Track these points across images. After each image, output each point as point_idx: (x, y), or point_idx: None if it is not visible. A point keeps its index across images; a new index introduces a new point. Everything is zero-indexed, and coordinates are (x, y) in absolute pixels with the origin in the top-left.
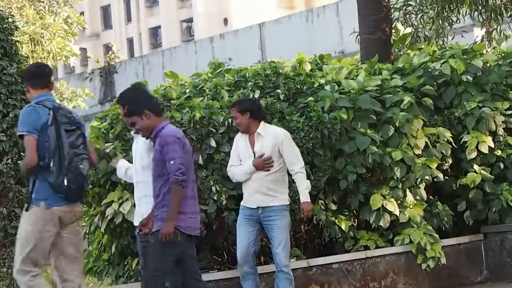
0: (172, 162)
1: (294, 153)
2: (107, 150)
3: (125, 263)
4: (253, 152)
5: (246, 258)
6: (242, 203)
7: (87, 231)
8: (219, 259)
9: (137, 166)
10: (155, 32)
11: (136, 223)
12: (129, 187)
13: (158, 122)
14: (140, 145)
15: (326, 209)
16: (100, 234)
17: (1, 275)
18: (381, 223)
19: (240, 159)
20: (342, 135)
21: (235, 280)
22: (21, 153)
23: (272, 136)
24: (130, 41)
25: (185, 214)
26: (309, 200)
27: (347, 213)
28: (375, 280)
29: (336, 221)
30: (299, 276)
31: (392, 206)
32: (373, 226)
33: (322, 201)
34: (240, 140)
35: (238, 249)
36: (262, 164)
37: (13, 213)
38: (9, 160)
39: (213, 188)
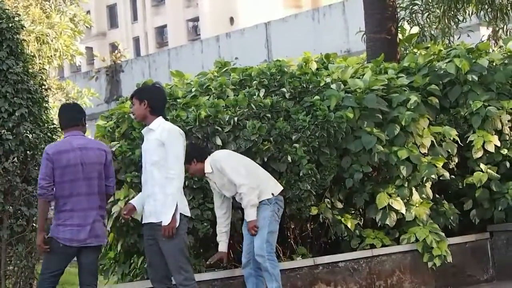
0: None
1: (234, 173)
2: (113, 149)
3: (131, 261)
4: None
5: (248, 259)
6: None
7: None
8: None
9: (145, 164)
10: (161, 31)
11: (143, 222)
12: (135, 186)
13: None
14: (150, 142)
15: (332, 207)
16: (106, 232)
17: (8, 273)
18: (387, 222)
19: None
20: (348, 134)
21: (241, 279)
22: (27, 152)
23: (215, 168)
24: (136, 40)
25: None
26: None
27: (353, 211)
28: (381, 278)
29: (342, 219)
30: (306, 274)
31: (398, 204)
32: (379, 224)
33: (328, 200)
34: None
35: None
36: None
37: (19, 212)
38: (15, 158)
39: None
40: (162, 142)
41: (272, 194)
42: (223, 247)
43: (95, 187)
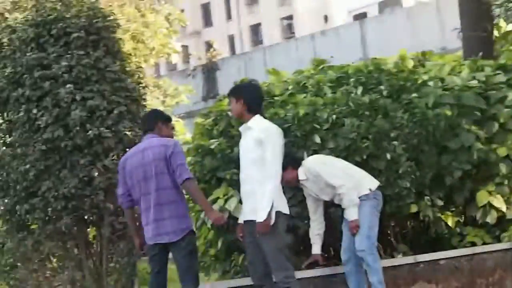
0: None
1: (332, 175)
2: (212, 147)
3: (232, 258)
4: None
5: (348, 256)
6: None
7: (194, 227)
8: (326, 255)
9: (243, 162)
10: (255, 29)
11: (240, 220)
12: (235, 184)
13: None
14: (248, 140)
15: (432, 205)
16: (206, 230)
17: (109, 270)
18: (488, 220)
19: None
20: (446, 132)
21: (343, 276)
22: (126, 149)
23: (310, 174)
24: (231, 38)
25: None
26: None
27: (453, 209)
28: (483, 276)
29: (443, 217)
30: (406, 272)
31: (498, 202)
32: (480, 222)
33: (427, 197)
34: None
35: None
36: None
37: (119, 209)
38: (115, 156)
39: None
40: (260, 140)
41: (370, 189)
42: (316, 249)
43: (156, 185)
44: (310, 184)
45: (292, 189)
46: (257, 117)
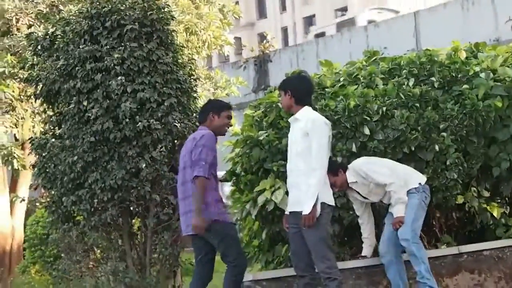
0: None
1: (380, 175)
2: (260, 138)
3: (275, 249)
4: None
5: (387, 247)
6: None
7: (239, 218)
8: None
9: (290, 153)
10: (309, 20)
11: (286, 212)
12: (281, 175)
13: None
14: (296, 131)
15: (478, 196)
16: (251, 221)
17: (152, 260)
18: None
19: None
20: (496, 123)
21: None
22: (175, 141)
23: (359, 177)
24: (285, 30)
25: None
26: (400, 214)
27: (499, 200)
28: None
29: (488, 208)
30: (450, 262)
31: None
32: None
33: (474, 188)
34: (349, 192)
35: None
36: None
37: (165, 200)
38: (163, 148)
39: None
40: (307, 132)
41: (419, 183)
42: (367, 252)
43: (183, 178)
44: (359, 186)
45: None
46: (305, 109)
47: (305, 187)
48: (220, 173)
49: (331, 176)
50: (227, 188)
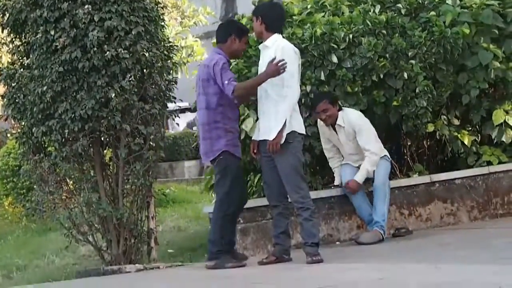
0: None
1: (367, 139)
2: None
3: (248, 179)
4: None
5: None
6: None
7: None
8: None
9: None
10: None
11: (254, 138)
12: (251, 104)
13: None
14: (265, 59)
15: (449, 124)
16: None
17: (125, 191)
18: (503, 139)
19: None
20: (464, 50)
21: None
22: (144, 70)
23: (350, 127)
24: None
25: None
26: (359, 181)
27: (469, 128)
28: (498, 195)
29: (459, 136)
30: (422, 191)
31: None
32: (496, 141)
33: (444, 117)
34: (325, 130)
35: None
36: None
37: (136, 130)
38: (132, 77)
39: None
40: (275, 59)
41: (386, 155)
42: (338, 181)
43: (198, 104)
44: (342, 132)
45: (309, 108)
46: (275, 36)
47: (274, 114)
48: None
49: (328, 103)
50: None
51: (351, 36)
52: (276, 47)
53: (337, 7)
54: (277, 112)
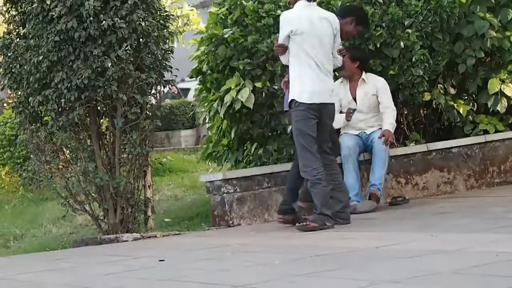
0: None
1: (390, 99)
2: (226, 36)
3: (244, 148)
4: (353, 99)
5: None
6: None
7: (207, 117)
8: None
9: None
10: None
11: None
12: (247, 73)
13: None
14: None
15: (445, 93)
16: (219, 120)
17: (122, 160)
18: (498, 108)
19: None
20: (460, 19)
21: None
22: (140, 40)
23: (373, 85)
24: None
25: None
26: (390, 130)
27: (466, 97)
28: (495, 164)
29: (455, 105)
30: (419, 160)
31: (509, 90)
32: (492, 110)
33: (441, 86)
34: (339, 88)
35: None
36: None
37: (132, 99)
38: (128, 46)
39: None
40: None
41: None
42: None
43: None
44: (362, 88)
45: None
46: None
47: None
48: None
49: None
50: None
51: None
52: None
53: None
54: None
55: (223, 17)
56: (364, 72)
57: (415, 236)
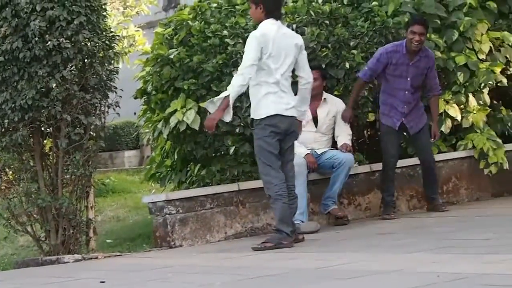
0: None
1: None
2: (171, 56)
3: (188, 169)
4: (312, 119)
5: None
6: None
7: (151, 138)
8: None
9: None
10: None
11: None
12: (192, 94)
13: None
14: None
15: None
16: (163, 140)
17: (64, 182)
18: (442, 128)
19: None
20: None
21: None
22: (85, 60)
23: (334, 106)
24: None
25: None
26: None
27: None
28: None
29: None
30: (362, 181)
31: (454, 111)
32: None
33: None
34: None
35: None
36: (312, 163)
37: (77, 120)
38: (73, 67)
39: None
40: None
41: None
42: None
43: None
44: (324, 108)
45: None
46: (263, 23)
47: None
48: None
49: (320, 74)
50: None
51: (294, 26)
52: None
53: None
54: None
55: (169, 37)
56: (323, 92)
57: (357, 257)
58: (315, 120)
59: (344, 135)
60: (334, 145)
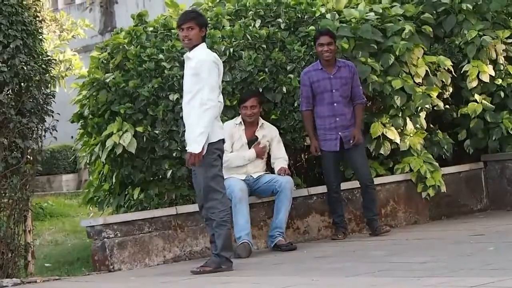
0: None
1: (283, 149)
2: (107, 80)
3: (126, 192)
4: (248, 141)
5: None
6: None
7: (88, 161)
8: None
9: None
10: None
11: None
12: (129, 118)
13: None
14: (187, 70)
15: None
16: (100, 164)
17: (2, 205)
18: (381, 151)
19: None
20: None
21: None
22: (22, 84)
23: (269, 132)
24: None
25: None
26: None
27: None
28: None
29: None
30: (300, 204)
31: (392, 134)
32: (373, 154)
33: None
34: (234, 129)
35: None
36: (262, 152)
37: (13, 144)
38: (10, 91)
39: None
40: (197, 72)
41: None
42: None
43: None
44: (260, 133)
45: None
46: (200, 46)
47: (194, 127)
48: None
49: (257, 101)
50: None
51: (231, 50)
52: (197, 60)
53: (218, 20)
54: (198, 125)
55: (105, 61)
56: (260, 118)
57: (294, 280)
58: (249, 144)
59: (281, 160)
60: (270, 170)
